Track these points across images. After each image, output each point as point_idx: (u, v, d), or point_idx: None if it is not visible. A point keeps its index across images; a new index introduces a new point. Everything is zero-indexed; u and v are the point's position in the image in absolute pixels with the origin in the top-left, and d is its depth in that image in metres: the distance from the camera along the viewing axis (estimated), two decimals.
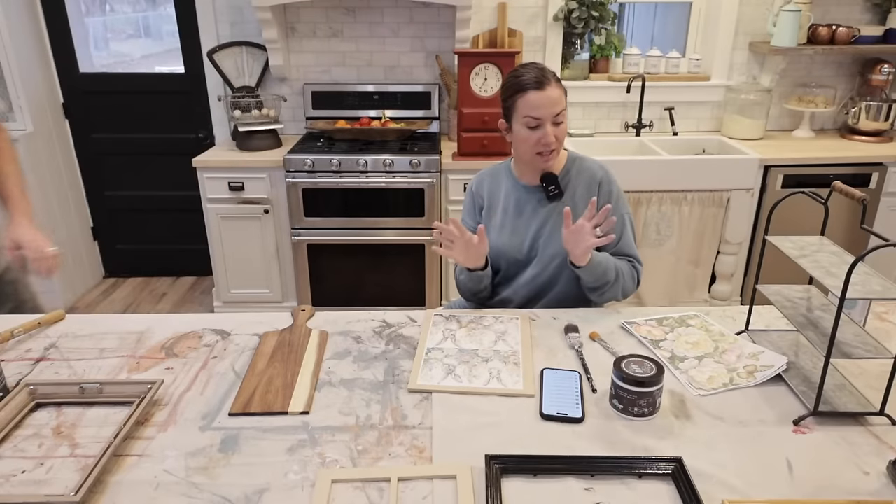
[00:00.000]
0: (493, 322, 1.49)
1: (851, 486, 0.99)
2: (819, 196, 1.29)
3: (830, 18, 3.18)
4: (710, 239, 2.95)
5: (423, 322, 1.49)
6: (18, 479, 1.01)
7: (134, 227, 3.64)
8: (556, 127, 1.56)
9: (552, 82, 1.54)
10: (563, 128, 1.57)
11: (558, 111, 1.54)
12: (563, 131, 1.58)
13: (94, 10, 3.40)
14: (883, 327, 1.47)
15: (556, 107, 1.53)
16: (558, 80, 1.58)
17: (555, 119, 1.54)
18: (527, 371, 1.29)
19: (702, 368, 1.29)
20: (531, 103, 1.53)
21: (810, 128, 3.28)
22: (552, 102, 1.53)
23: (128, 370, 1.31)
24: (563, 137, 1.58)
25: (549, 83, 1.53)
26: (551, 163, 1.61)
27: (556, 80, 1.56)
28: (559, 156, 1.66)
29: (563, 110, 1.55)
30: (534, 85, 1.53)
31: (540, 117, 1.53)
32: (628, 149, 3.20)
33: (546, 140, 1.55)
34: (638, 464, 1.02)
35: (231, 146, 3.10)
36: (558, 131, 1.56)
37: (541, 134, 1.55)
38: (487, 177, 1.76)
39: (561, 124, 1.56)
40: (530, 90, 1.53)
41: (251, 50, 3.18)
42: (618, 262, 1.58)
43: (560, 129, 1.57)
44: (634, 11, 4.28)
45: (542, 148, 1.56)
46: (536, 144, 1.56)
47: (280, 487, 0.99)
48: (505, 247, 1.68)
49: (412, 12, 3.13)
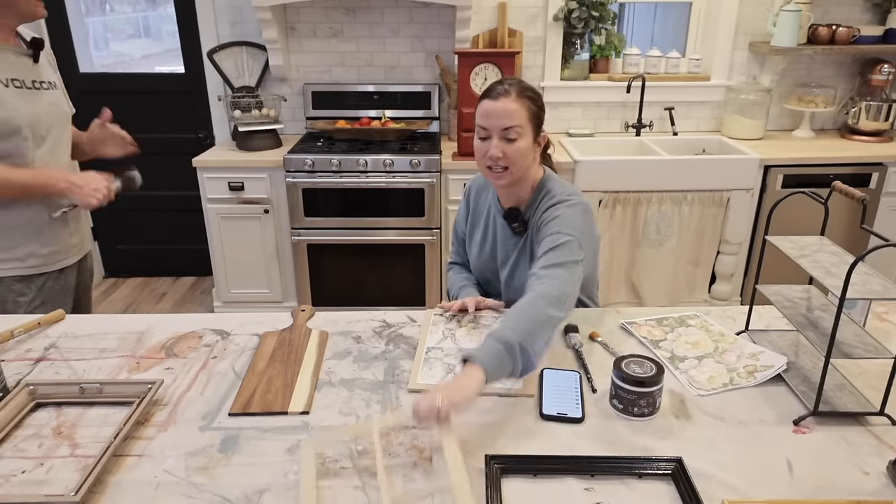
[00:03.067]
0: (492, 321, 1.49)
1: (851, 486, 0.99)
2: (819, 196, 1.29)
3: (830, 18, 3.18)
4: (710, 239, 2.96)
5: (423, 321, 1.49)
6: (18, 479, 1.01)
7: (134, 227, 3.64)
8: (506, 143, 1.41)
9: (513, 97, 1.40)
10: (515, 147, 1.41)
11: (508, 125, 1.39)
12: (516, 150, 1.41)
13: (94, 10, 3.40)
14: (883, 327, 1.47)
15: (506, 120, 1.39)
16: (528, 96, 1.43)
17: (503, 133, 1.41)
18: None
19: (702, 368, 1.29)
20: (481, 111, 1.44)
21: (810, 128, 3.28)
22: (502, 114, 1.40)
23: (128, 370, 1.31)
24: (515, 156, 1.42)
25: (507, 96, 1.41)
26: (503, 182, 1.46)
27: (521, 96, 1.42)
28: (526, 180, 1.50)
29: (517, 126, 1.40)
30: (490, 94, 1.43)
31: (486, 127, 1.42)
32: (628, 149, 3.20)
33: (491, 153, 1.42)
34: (638, 464, 1.02)
35: (231, 146, 3.10)
36: (509, 149, 1.41)
37: (488, 146, 1.43)
38: (476, 188, 1.68)
39: (514, 142, 1.41)
40: (486, 98, 1.44)
41: (251, 50, 3.18)
42: (518, 326, 1.18)
43: (511, 148, 1.41)
44: (634, 11, 4.28)
45: (489, 162, 1.44)
46: (484, 157, 1.44)
47: (280, 487, 0.99)
48: (484, 267, 1.66)
49: (412, 12, 3.13)
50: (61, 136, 1.76)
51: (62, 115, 1.77)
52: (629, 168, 2.81)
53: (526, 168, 1.47)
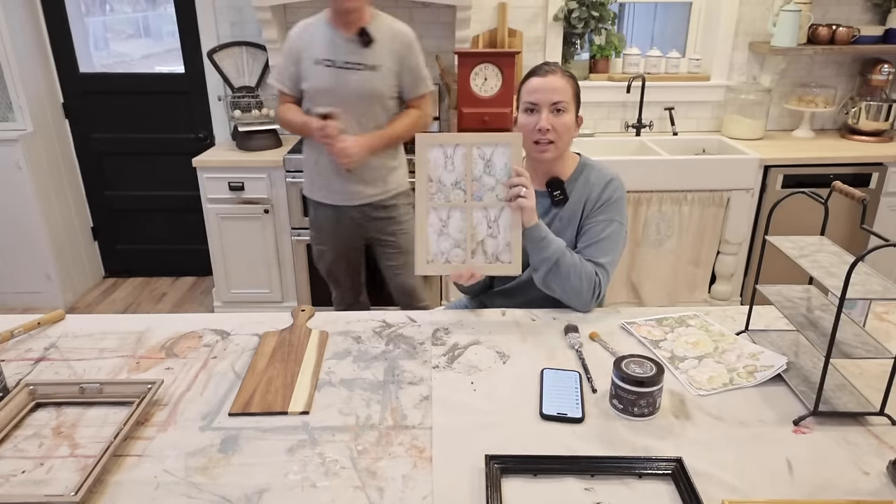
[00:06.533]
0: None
1: (851, 486, 0.99)
2: (819, 196, 1.29)
3: (830, 18, 3.18)
4: (710, 239, 2.96)
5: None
6: (18, 479, 1.01)
7: (134, 227, 3.64)
8: (555, 116, 1.53)
9: (558, 73, 1.54)
10: (564, 119, 1.54)
11: (557, 99, 1.52)
12: (563, 123, 1.54)
13: (94, 10, 3.40)
14: (883, 327, 1.47)
15: (555, 94, 1.52)
16: (571, 76, 1.57)
17: (553, 106, 1.53)
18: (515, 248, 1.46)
19: (702, 368, 1.29)
20: (530, 87, 1.55)
21: (810, 128, 3.28)
22: (551, 89, 1.52)
23: (128, 370, 1.31)
24: (562, 130, 1.54)
25: (553, 73, 1.54)
26: (548, 155, 1.56)
27: (565, 75, 1.56)
28: (565, 159, 1.62)
29: (564, 101, 1.53)
30: (538, 72, 1.55)
31: (536, 102, 1.53)
32: (628, 149, 3.20)
33: (540, 125, 1.52)
34: (638, 464, 1.02)
35: (231, 146, 3.10)
36: (557, 121, 1.53)
37: (536, 119, 1.53)
38: None
39: (562, 114, 1.54)
40: (533, 77, 1.56)
41: (251, 50, 3.18)
42: (572, 255, 1.50)
43: (560, 120, 1.53)
44: (634, 11, 4.28)
45: (537, 136, 1.53)
46: (532, 131, 1.54)
47: (280, 487, 0.99)
48: None
49: (412, 12, 3.13)
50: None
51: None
52: (629, 168, 2.80)
53: (568, 143, 1.60)
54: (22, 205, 3.14)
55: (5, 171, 3.07)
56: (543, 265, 1.50)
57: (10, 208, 3.15)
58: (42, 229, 3.20)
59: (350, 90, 2.14)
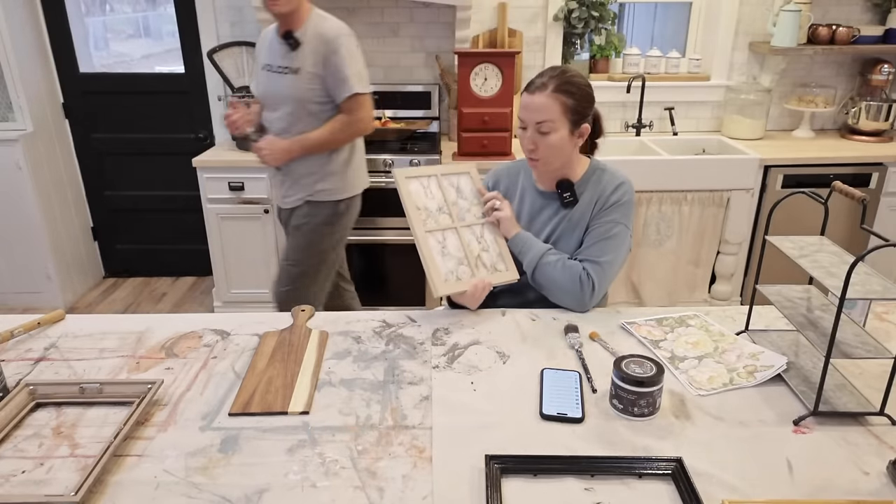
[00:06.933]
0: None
1: (851, 486, 0.99)
2: (819, 196, 1.29)
3: (830, 18, 3.18)
4: (710, 239, 2.96)
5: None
6: (18, 479, 1.01)
7: (134, 227, 3.64)
8: (541, 136, 1.50)
9: (548, 91, 1.47)
10: (548, 140, 1.50)
11: (540, 119, 1.48)
12: (548, 144, 1.50)
13: (94, 10, 3.40)
14: (883, 327, 1.47)
15: (538, 114, 1.48)
16: (569, 93, 1.48)
17: (537, 126, 1.49)
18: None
19: (702, 368, 1.29)
20: (521, 103, 1.54)
21: (810, 128, 3.28)
22: (535, 108, 1.49)
23: (128, 370, 1.31)
24: (545, 150, 1.51)
25: (542, 90, 1.48)
26: (538, 171, 1.60)
27: (557, 90, 1.47)
28: (574, 163, 1.59)
29: (548, 121, 1.48)
30: (529, 87, 1.52)
31: (523, 119, 1.53)
32: (628, 149, 3.20)
33: (524, 145, 1.54)
34: (638, 464, 1.02)
35: (231, 146, 3.10)
36: (541, 141, 1.50)
37: (524, 137, 1.54)
38: (504, 175, 1.73)
39: (547, 135, 1.49)
40: (525, 91, 1.53)
41: (251, 50, 3.17)
42: (555, 255, 1.54)
43: (545, 140, 1.50)
44: (634, 11, 4.28)
45: (526, 152, 1.55)
46: (523, 147, 1.56)
47: (280, 487, 0.99)
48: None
49: (412, 12, 3.13)
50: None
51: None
52: (629, 168, 2.77)
53: (562, 159, 1.56)
54: (22, 205, 3.14)
55: (5, 171, 3.07)
56: (529, 268, 1.57)
57: (10, 208, 3.15)
58: (42, 229, 3.20)
59: (278, 94, 2.17)
